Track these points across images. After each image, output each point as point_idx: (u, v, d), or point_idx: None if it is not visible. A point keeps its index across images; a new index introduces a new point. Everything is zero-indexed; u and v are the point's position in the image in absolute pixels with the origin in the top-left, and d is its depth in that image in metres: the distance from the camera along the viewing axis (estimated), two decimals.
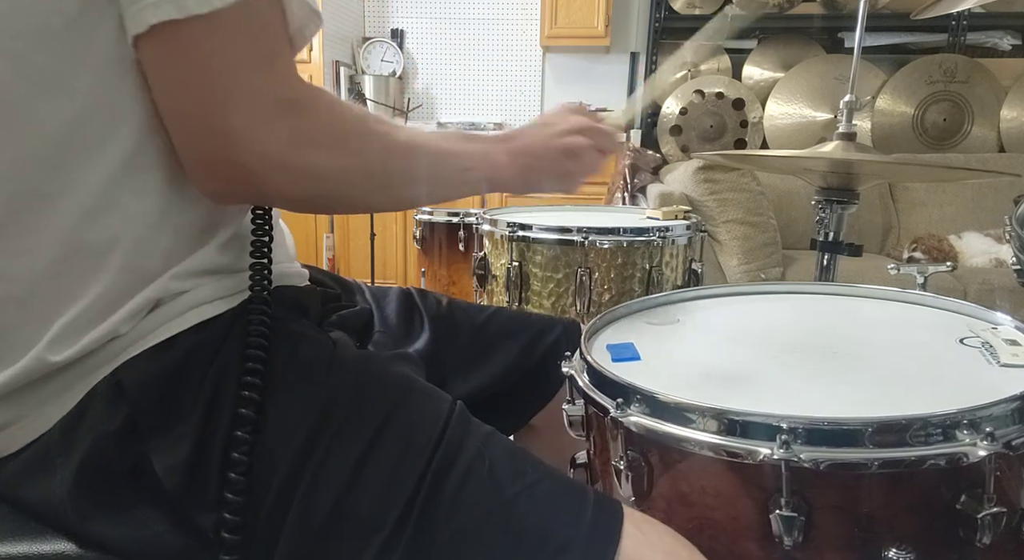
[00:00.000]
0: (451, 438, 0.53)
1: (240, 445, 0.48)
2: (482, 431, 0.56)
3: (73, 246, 0.48)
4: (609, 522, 0.51)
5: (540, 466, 0.54)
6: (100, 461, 0.49)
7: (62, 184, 0.47)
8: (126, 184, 0.48)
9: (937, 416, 0.48)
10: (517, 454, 0.55)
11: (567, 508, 0.52)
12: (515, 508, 0.51)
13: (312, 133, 0.48)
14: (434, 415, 0.54)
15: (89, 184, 0.47)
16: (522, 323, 0.84)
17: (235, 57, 0.45)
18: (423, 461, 0.51)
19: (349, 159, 0.51)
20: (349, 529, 0.49)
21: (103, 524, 0.50)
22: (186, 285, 0.52)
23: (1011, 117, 3.06)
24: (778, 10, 3.13)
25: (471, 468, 0.52)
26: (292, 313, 0.59)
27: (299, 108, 0.48)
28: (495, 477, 0.52)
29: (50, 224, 0.47)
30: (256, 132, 0.45)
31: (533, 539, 0.50)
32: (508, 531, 0.50)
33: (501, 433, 0.57)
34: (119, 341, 0.50)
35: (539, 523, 0.50)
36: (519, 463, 0.54)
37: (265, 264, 0.54)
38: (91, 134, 0.47)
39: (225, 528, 0.48)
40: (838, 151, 1.14)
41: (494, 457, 0.53)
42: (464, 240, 1.68)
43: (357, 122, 0.53)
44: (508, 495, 0.51)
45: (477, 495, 0.51)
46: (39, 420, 0.50)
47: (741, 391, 0.60)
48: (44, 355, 0.48)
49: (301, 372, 0.54)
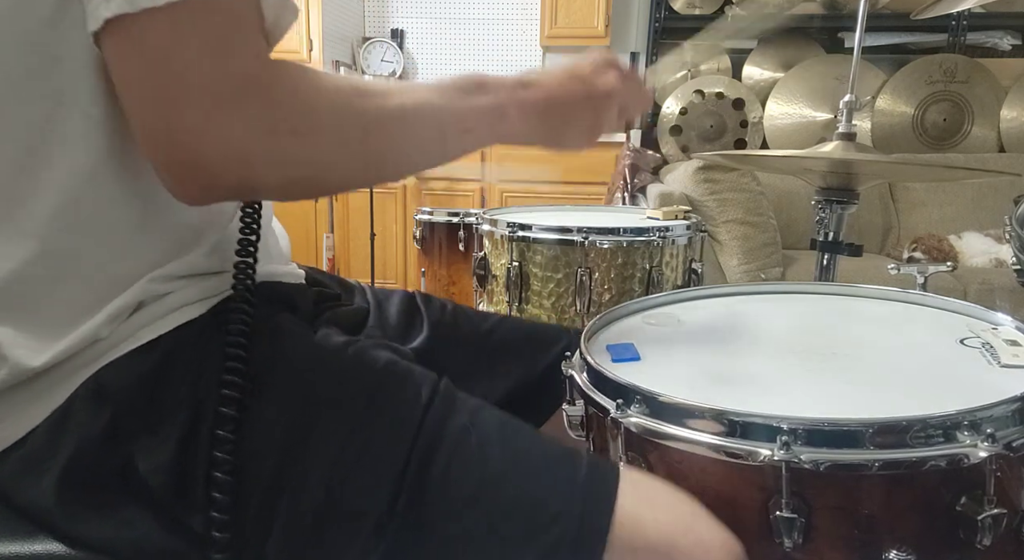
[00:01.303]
0: (434, 416, 0.53)
1: (223, 444, 0.48)
2: (469, 405, 0.55)
3: (44, 249, 0.47)
4: (604, 484, 0.51)
5: (531, 435, 0.54)
6: (87, 463, 0.48)
7: (31, 187, 0.46)
8: (98, 189, 0.48)
9: (937, 417, 0.48)
10: (507, 425, 0.55)
11: (560, 475, 0.51)
12: (505, 480, 0.51)
13: (274, 120, 0.45)
14: (415, 394, 0.54)
15: (59, 188, 0.46)
16: (528, 333, 0.83)
17: (189, 50, 0.42)
18: (408, 443, 0.51)
19: (323, 142, 0.47)
20: (340, 518, 0.49)
21: (92, 525, 0.50)
22: (169, 287, 0.52)
23: (1011, 117, 3.05)
24: (778, 10, 3.13)
25: (458, 444, 0.51)
26: (275, 308, 0.59)
27: (258, 94, 0.44)
28: (483, 451, 0.52)
29: (20, 227, 0.46)
30: (212, 126, 0.43)
31: (526, 509, 0.50)
32: (499, 504, 0.50)
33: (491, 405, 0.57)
34: (101, 344, 0.49)
35: (531, 493, 0.50)
36: (509, 434, 0.54)
37: (250, 263, 0.54)
38: (60, 137, 0.46)
39: (214, 527, 0.47)
40: (838, 151, 1.14)
41: (482, 430, 0.53)
42: (464, 240, 1.68)
43: (334, 99, 0.48)
44: (498, 468, 0.51)
45: (465, 471, 0.51)
46: (22, 421, 0.49)
47: (741, 392, 0.60)
48: (21, 359, 0.47)
49: (282, 366, 0.53)
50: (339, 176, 0.51)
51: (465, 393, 0.57)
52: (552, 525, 0.49)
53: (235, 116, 0.43)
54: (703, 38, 1.79)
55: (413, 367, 0.59)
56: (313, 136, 0.47)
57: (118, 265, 0.50)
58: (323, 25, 3.35)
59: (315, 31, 3.34)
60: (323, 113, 0.47)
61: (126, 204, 0.49)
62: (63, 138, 0.46)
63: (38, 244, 0.47)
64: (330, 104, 0.48)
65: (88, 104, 0.46)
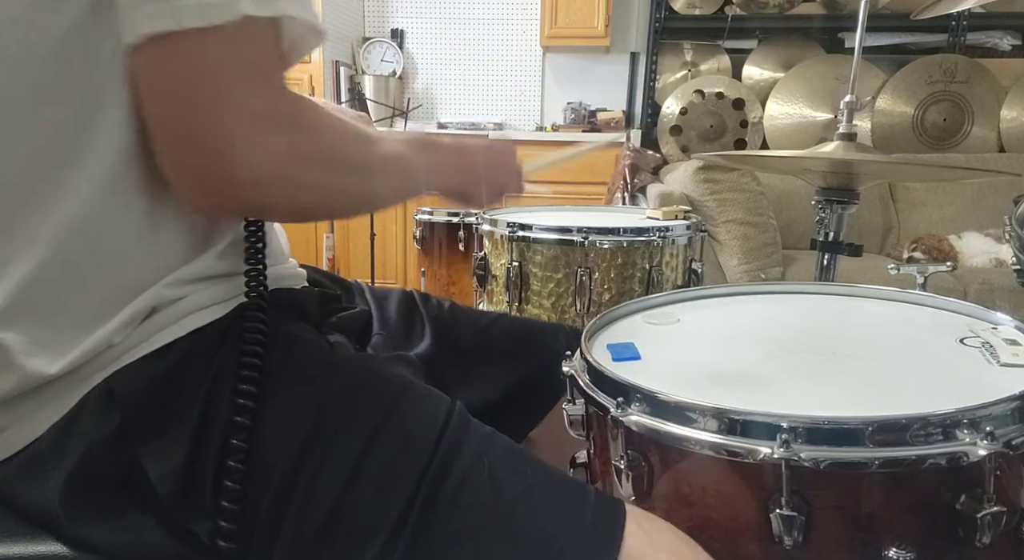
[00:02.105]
0: (449, 440, 0.52)
1: (236, 453, 0.48)
2: (482, 432, 0.55)
3: (58, 255, 0.47)
4: (611, 522, 0.51)
5: (540, 467, 0.54)
6: (93, 467, 0.48)
7: (49, 193, 0.46)
8: (113, 197, 0.48)
9: (937, 415, 0.48)
10: (517, 455, 0.55)
11: (568, 509, 0.51)
12: (515, 510, 0.50)
13: (308, 149, 0.48)
14: (432, 417, 0.54)
15: (76, 194, 0.47)
16: (524, 330, 0.84)
17: (230, 71, 0.44)
18: (421, 464, 0.50)
19: (331, 174, 0.51)
20: (347, 533, 0.49)
21: (96, 530, 0.50)
22: (182, 292, 0.52)
23: (1011, 117, 3.06)
24: (778, 10, 3.14)
25: (470, 470, 0.51)
26: (288, 315, 0.59)
27: (295, 123, 0.47)
28: (494, 479, 0.51)
29: (35, 232, 0.47)
30: (240, 146, 0.44)
31: (534, 542, 0.50)
32: (508, 533, 0.50)
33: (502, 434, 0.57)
34: (114, 349, 0.49)
35: (540, 525, 0.50)
36: (519, 464, 0.54)
37: (260, 270, 0.54)
38: (78, 145, 0.46)
39: (221, 536, 0.47)
40: (838, 151, 1.14)
41: (494, 459, 0.53)
42: (464, 240, 1.68)
43: (341, 137, 0.53)
44: (508, 497, 0.51)
45: (476, 497, 0.50)
46: (31, 426, 0.49)
47: (741, 391, 0.60)
48: (36, 366, 0.47)
49: (296, 376, 0.53)
50: (337, 206, 0.56)
51: (477, 421, 0.57)
52: (560, 558, 0.49)
53: (262, 140, 0.45)
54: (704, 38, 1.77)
55: (430, 389, 0.59)
56: (324, 167, 0.50)
57: (131, 270, 0.50)
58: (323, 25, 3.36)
59: None
60: (334, 148, 0.52)
61: (140, 210, 0.49)
62: (83, 144, 0.46)
63: (53, 249, 0.47)
64: (340, 140, 0.53)
65: (110, 111, 0.46)
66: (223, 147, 0.44)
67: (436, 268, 1.79)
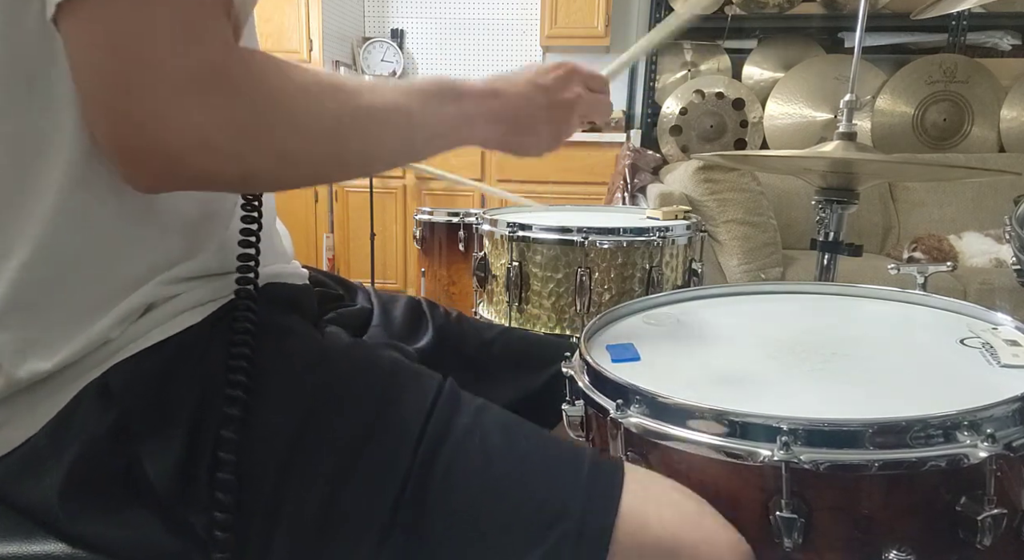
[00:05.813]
0: (439, 417, 0.53)
1: (227, 445, 0.48)
2: (473, 405, 0.56)
3: (45, 250, 0.47)
4: (608, 482, 0.51)
5: (534, 435, 0.54)
6: (91, 463, 0.48)
7: (30, 187, 0.46)
8: (92, 185, 0.47)
9: (937, 417, 0.48)
10: (511, 425, 0.55)
11: (563, 473, 0.51)
12: (508, 480, 0.51)
13: (238, 110, 0.43)
14: (420, 396, 0.54)
15: (56, 187, 0.46)
16: (531, 345, 0.82)
17: (152, 34, 0.40)
18: (412, 444, 0.51)
19: (287, 136, 0.46)
20: (344, 520, 0.49)
21: (94, 526, 0.50)
22: (179, 289, 0.52)
23: (1011, 117, 3.05)
24: (778, 10, 3.13)
25: (461, 445, 0.52)
26: (281, 308, 0.59)
27: (223, 83, 0.42)
28: (487, 452, 0.52)
29: (21, 229, 0.46)
30: (173, 112, 0.40)
31: (529, 509, 0.50)
32: (502, 504, 0.50)
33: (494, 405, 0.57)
34: (109, 346, 0.49)
35: (535, 493, 0.50)
36: (512, 435, 0.54)
37: (251, 265, 0.54)
38: (54, 136, 0.45)
39: (217, 527, 0.47)
40: (838, 151, 1.14)
41: (485, 431, 0.53)
42: (464, 240, 1.67)
43: (303, 93, 0.47)
44: (501, 469, 0.51)
45: (468, 472, 0.51)
46: (27, 422, 0.49)
47: (741, 392, 0.60)
48: (30, 364, 0.47)
49: (287, 366, 0.53)
50: (303, 172, 0.50)
51: (470, 394, 0.57)
52: (556, 524, 0.49)
53: (197, 104, 0.41)
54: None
55: (420, 368, 0.59)
56: (277, 129, 0.45)
57: (121, 266, 0.50)
58: (323, 25, 3.36)
59: (315, 31, 3.35)
60: (289, 106, 0.46)
61: (120, 199, 0.48)
62: (56, 137, 0.46)
63: (39, 245, 0.47)
64: (298, 98, 0.46)
65: (65, 99, 0.45)
66: (153, 113, 0.40)
67: (436, 268, 1.79)
